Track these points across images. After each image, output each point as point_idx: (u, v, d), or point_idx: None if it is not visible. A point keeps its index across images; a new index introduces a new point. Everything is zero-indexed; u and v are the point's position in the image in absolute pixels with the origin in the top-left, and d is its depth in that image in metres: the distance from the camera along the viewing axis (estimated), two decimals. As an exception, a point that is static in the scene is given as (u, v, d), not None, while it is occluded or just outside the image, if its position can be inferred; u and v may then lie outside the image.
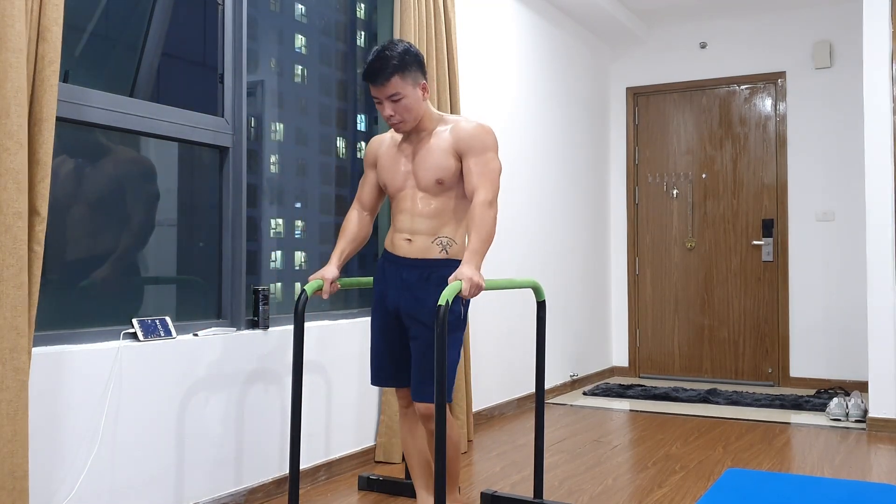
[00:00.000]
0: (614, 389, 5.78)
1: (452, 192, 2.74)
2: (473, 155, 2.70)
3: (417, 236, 2.75)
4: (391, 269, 2.80)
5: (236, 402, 3.08)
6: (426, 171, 2.73)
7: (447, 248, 2.75)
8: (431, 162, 2.72)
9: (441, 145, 2.73)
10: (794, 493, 3.23)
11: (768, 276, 6.20)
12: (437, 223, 2.74)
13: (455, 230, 2.77)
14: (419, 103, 2.71)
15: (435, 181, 2.72)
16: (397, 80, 2.64)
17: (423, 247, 2.74)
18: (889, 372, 4.43)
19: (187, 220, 3.14)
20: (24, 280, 2.17)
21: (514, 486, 3.45)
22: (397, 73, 2.64)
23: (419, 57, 2.73)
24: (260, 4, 3.50)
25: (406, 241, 2.76)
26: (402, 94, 2.66)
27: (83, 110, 2.62)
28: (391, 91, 2.65)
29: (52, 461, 2.44)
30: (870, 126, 4.51)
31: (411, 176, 2.77)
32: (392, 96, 2.65)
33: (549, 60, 5.65)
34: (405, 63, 2.66)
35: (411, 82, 2.68)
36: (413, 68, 2.69)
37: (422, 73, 2.73)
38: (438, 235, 2.74)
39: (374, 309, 2.87)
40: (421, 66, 2.73)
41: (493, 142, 2.73)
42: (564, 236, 5.83)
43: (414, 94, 2.69)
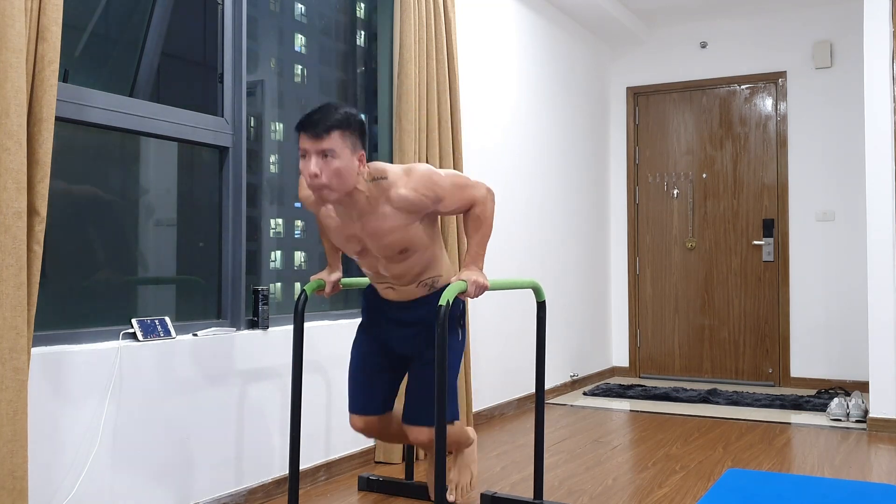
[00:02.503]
0: (614, 389, 5.77)
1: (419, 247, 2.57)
2: (438, 203, 2.52)
3: (398, 287, 2.66)
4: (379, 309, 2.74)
5: (236, 402, 3.08)
6: (386, 247, 2.53)
7: (433, 285, 2.68)
8: (390, 241, 2.51)
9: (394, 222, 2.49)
10: (795, 493, 3.23)
11: (768, 276, 6.20)
12: (413, 275, 2.62)
13: (433, 266, 2.65)
14: (352, 173, 2.41)
15: (398, 252, 2.54)
16: (336, 137, 2.36)
17: (409, 292, 2.67)
18: (889, 372, 4.43)
19: (187, 220, 3.14)
20: (24, 280, 2.17)
21: (514, 486, 3.45)
22: (338, 129, 2.36)
23: (364, 126, 2.48)
24: (260, 4, 3.50)
25: (389, 289, 2.69)
26: (337, 153, 2.36)
27: (83, 110, 2.62)
28: (325, 145, 2.35)
29: (52, 461, 2.44)
30: (870, 126, 4.51)
31: (368, 250, 2.58)
32: (324, 151, 2.36)
33: (549, 60, 5.65)
34: (348, 123, 2.39)
35: (350, 146, 2.39)
36: (356, 133, 2.42)
37: (363, 142, 2.46)
38: (420, 280, 2.65)
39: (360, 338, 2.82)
40: (363, 135, 2.46)
41: (435, 174, 2.50)
42: (565, 237, 5.83)
43: (349, 160, 2.39)
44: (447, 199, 2.52)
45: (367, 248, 2.59)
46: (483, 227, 2.59)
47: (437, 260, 2.66)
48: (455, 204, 2.55)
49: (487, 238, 2.61)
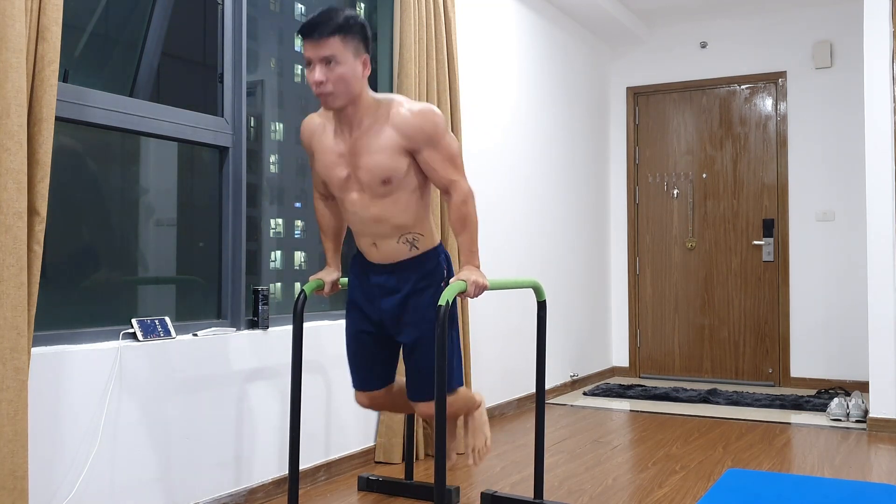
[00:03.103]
0: (614, 389, 5.77)
1: (402, 187, 2.54)
2: (428, 147, 2.49)
3: (380, 240, 2.61)
4: (366, 278, 2.71)
5: (236, 402, 3.08)
6: (369, 172, 2.50)
7: (415, 243, 2.62)
8: (374, 162, 2.48)
9: (384, 142, 2.47)
10: (795, 493, 3.23)
11: (769, 276, 6.20)
12: (393, 223, 2.58)
13: (416, 222, 2.61)
14: (356, 78, 2.41)
15: (380, 181, 2.50)
16: (336, 42, 2.35)
17: (391, 250, 2.62)
18: (889, 372, 4.43)
19: (187, 220, 3.14)
20: (24, 280, 2.17)
21: (514, 486, 3.45)
22: (338, 33, 2.36)
23: (366, 29, 2.45)
24: (260, 4, 3.50)
25: (371, 246, 2.64)
26: (339, 59, 2.36)
27: (83, 110, 2.62)
28: (327, 51, 2.35)
29: (52, 461, 2.44)
30: (870, 126, 4.51)
31: (353, 177, 2.54)
32: (327, 58, 2.36)
33: (549, 60, 5.65)
34: (349, 26, 2.38)
35: (352, 50, 2.39)
36: (357, 36, 2.40)
37: (365, 46, 2.44)
38: (402, 234, 2.60)
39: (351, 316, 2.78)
40: (366, 38, 2.44)
41: (442, 122, 2.50)
42: (565, 236, 5.83)
43: (352, 64, 2.39)
44: (436, 151, 2.49)
45: (351, 176, 2.54)
46: (468, 224, 2.57)
47: (420, 216, 2.61)
48: (438, 164, 2.51)
49: (476, 235, 2.58)
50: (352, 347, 2.79)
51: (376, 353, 2.78)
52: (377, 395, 2.82)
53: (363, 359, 2.78)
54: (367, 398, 2.82)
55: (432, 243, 2.68)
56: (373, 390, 2.81)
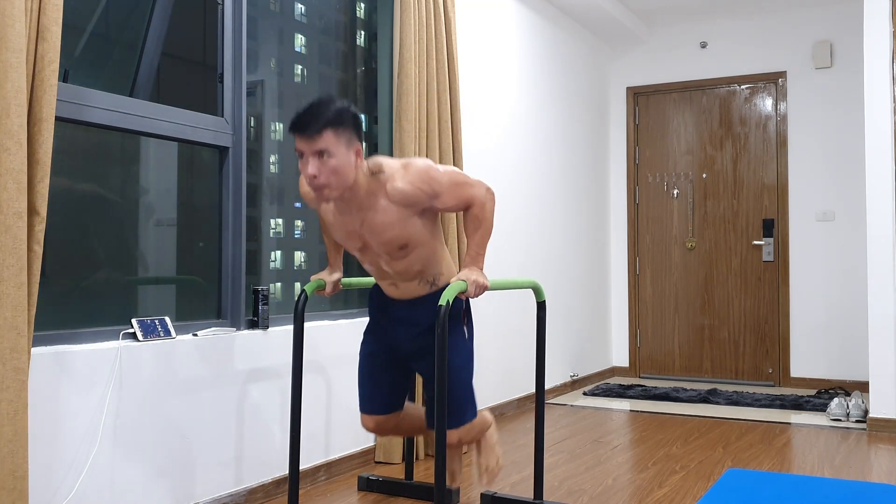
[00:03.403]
0: (614, 389, 5.77)
1: (419, 244, 2.56)
2: (435, 199, 2.50)
3: (400, 283, 2.65)
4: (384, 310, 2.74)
5: (236, 402, 3.08)
6: (386, 243, 2.52)
7: (435, 282, 2.66)
8: (389, 237, 2.50)
9: (392, 217, 2.48)
10: (795, 493, 3.23)
11: (768, 276, 6.20)
12: (414, 271, 2.61)
13: (435, 264, 2.64)
14: (350, 169, 2.38)
15: (398, 248, 2.53)
16: (328, 136, 2.33)
17: (410, 289, 2.66)
18: (889, 372, 4.43)
19: (187, 220, 3.14)
20: (24, 280, 2.17)
21: (514, 486, 3.44)
22: (330, 127, 2.33)
23: (358, 119, 2.43)
24: (260, 4, 3.50)
25: (391, 286, 2.68)
26: (332, 152, 2.34)
27: (83, 110, 2.62)
28: (320, 146, 2.32)
29: (52, 461, 2.44)
30: (870, 126, 4.51)
31: (369, 247, 2.57)
32: (319, 152, 2.33)
33: (549, 60, 5.65)
34: (341, 119, 2.36)
35: (345, 142, 2.36)
36: (349, 128, 2.38)
37: (358, 135, 2.42)
38: (422, 276, 2.63)
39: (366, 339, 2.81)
40: (359, 128, 2.43)
41: (432, 169, 2.48)
42: (565, 236, 5.83)
43: (346, 156, 2.37)
44: (444, 196, 2.51)
45: (367, 244, 2.58)
46: (482, 226, 2.58)
47: (437, 257, 2.65)
48: (452, 201, 2.54)
49: (487, 238, 2.60)
50: (364, 368, 2.81)
51: (389, 376, 2.79)
52: (382, 419, 2.82)
53: (375, 380, 2.79)
54: (374, 422, 2.82)
55: (449, 278, 2.70)
56: (380, 414, 2.81)
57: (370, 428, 2.84)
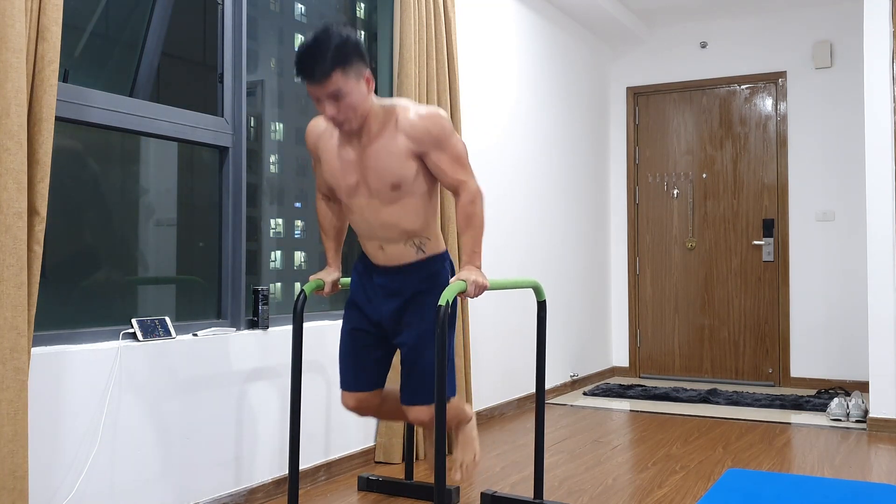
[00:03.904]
0: (614, 389, 5.77)
1: (411, 192, 2.54)
2: (436, 149, 2.49)
3: (387, 244, 2.61)
4: (369, 278, 2.70)
5: (236, 402, 3.08)
6: (378, 178, 2.50)
7: (422, 247, 2.63)
8: (383, 167, 2.48)
9: (392, 148, 2.46)
10: (795, 493, 3.23)
11: (768, 276, 6.20)
12: (402, 228, 2.58)
13: (424, 227, 2.61)
14: (365, 99, 2.40)
15: (390, 187, 2.51)
16: (338, 76, 2.31)
17: (397, 253, 2.62)
18: (889, 372, 4.43)
19: (187, 220, 3.14)
20: (24, 280, 2.17)
21: (514, 486, 3.45)
22: (338, 67, 2.30)
23: (360, 46, 2.37)
24: (260, 4, 3.50)
25: (378, 249, 2.64)
26: (345, 90, 2.33)
27: (83, 110, 2.62)
28: (332, 88, 2.32)
29: (52, 461, 2.44)
30: (870, 126, 4.51)
31: (362, 183, 2.54)
32: (333, 94, 2.33)
33: (549, 60, 5.65)
34: (345, 55, 2.31)
35: (354, 76, 2.34)
36: (355, 60, 2.34)
37: (364, 63, 2.39)
38: (410, 238, 2.60)
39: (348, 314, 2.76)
40: (363, 56, 2.38)
41: (449, 124, 2.50)
42: (565, 236, 5.83)
43: (358, 89, 2.36)
44: (444, 153, 2.50)
45: (360, 183, 2.54)
46: (473, 223, 2.56)
47: (428, 221, 2.62)
48: (447, 165, 2.51)
49: (480, 236, 2.58)
50: (345, 345, 2.76)
51: (369, 352, 2.74)
52: (364, 397, 2.76)
53: (355, 357, 2.75)
54: (354, 399, 2.76)
55: (439, 248, 2.69)
56: (361, 391, 2.75)
57: (350, 406, 2.76)
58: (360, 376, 2.75)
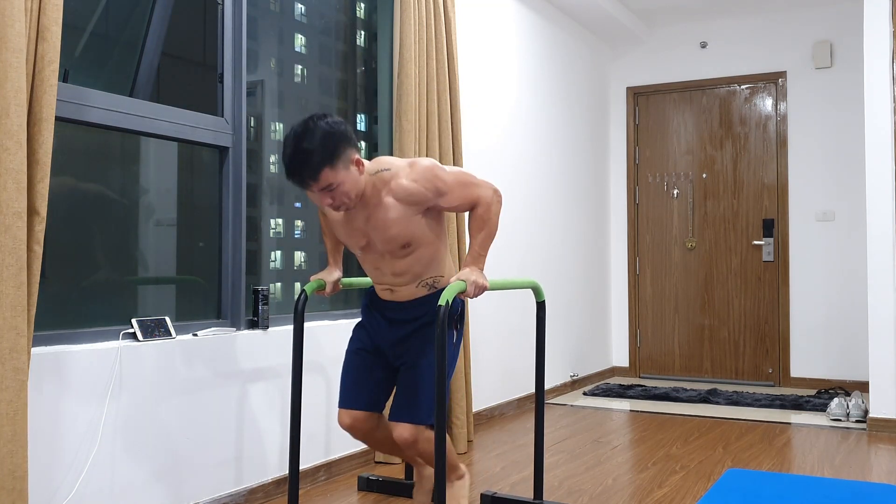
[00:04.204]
0: (614, 389, 5.77)
1: (423, 244, 2.55)
2: (440, 197, 2.50)
3: (398, 288, 2.63)
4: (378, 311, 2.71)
5: (236, 402, 3.08)
6: (388, 242, 2.52)
7: (434, 284, 2.65)
8: (392, 234, 2.50)
9: (397, 215, 2.47)
10: (795, 493, 3.23)
11: (768, 276, 6.20)
12: (414, 273, 2.59)
13: (437, 268, 2.63)
14: (357, 182, 2.40)
15: (401, 247, 2.53)
16: (327, 174, 2.32)
17: (408, 293, 2.64)
18: (889, 372, 4.43)
19: (187, 220, 3.14)
20: (24, 280, 2.17)
21: (514, 486, 3.44)
22: (325, 166, 2.31)
23: (344, 132, 2.37)
24: (260, 4, 3.50)
25: (387, 291, 2.66)
26: (336, 182, 2.35)
27: (83, 110, 2.62)
28: (323, 185, 2.34)
29: (52, 461, 2.44)
30: (870, 126, 4.51)
31: (372, 244, 2.56)
32: (326, 189, 2.36)
33: (549, 60, 5.65)
34: (330, 151, 2.32)
35: (343, 167, 2.35)
36: (341, 150, 2.35)
37: (351, 146, 2.39)
38: (422, 279, 2.62)
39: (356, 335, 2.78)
40: (348, 140, 2.38)
41: (437, 169, 2.49)
42: (564, 236, 5.83)
43: (349, 176, 2.37)
44: (449, 195, 2.51)
45: (371, 243, 2.57)
46: (487, 227, 2.57)
47: (440, 260, 2.64)
48: (457, 200, 2.54)
49: (491, 239, 2.59)
50: (349, 363, 2.76)
51: (372, 372, 2.74)
52: (360, 416, 2.72)
53: (357, 375, 2.73)
54: (350, 417, 2.72)
55: (451, 277, 2.69)
56: (358, 410, 2.72)
57: (345, 424, 2.73)
58: (360, 395, 2.72)
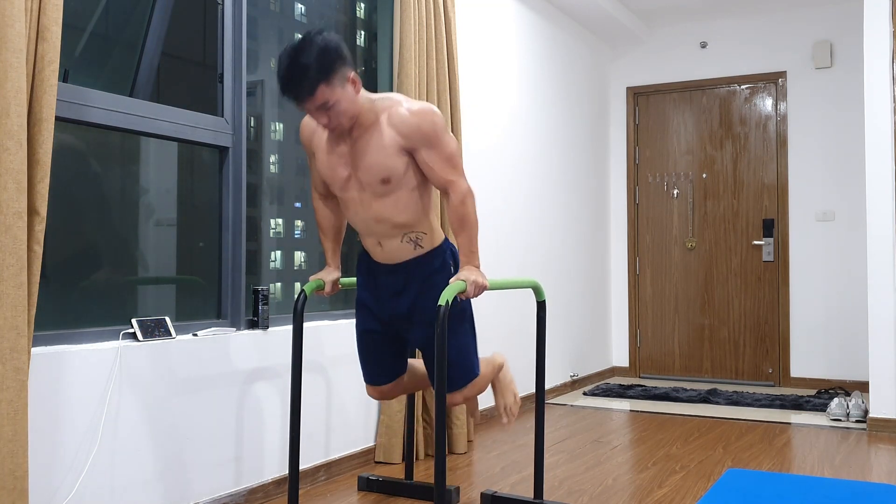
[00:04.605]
0: (614, 389, 5.77)
1: (403, 186, 2.53)
2: (426, 146, 2.48)
3: (384, 240, 2.62)
4: (373, 278, 2.74)
5: (236, 402, 3.08)
6: (368, 172, 2.50)
7: (419, 242, 2.63)
8: (373, 161, 2.47)
9: (383, 142, 2.46)
10: (795, 493, 3.23)
11: (768, 276, 6.20)
12: (394, 222, 2.58)
13: (417, 221, 2.61)
14: (353, 102, 2.40)
15: (380, 181, 2.50)
16: (323, 90, 2.32)
17: (395, 249, 2.63)
18: (889, 372, 4.43)
19: (187, 220, 3.14)
20: (24, 280, 2.17)
21: (514, 486, 3.45)
22: (321, 82, 2.30)
23: (339, 49, 2.35)
24: (260, 4, 3.50)
25: (377, 245, 2.65)
26: (332, 100, 2.34)
27: (83, 110, 2.62)
28: (318, 102, 2.34)
29: (52, 461, 2.44)
30: (870, 126, 4.51)
31: (353, 177, 2.55)
32: (321, 106, 2.35)
33: (549, 60, 5.65)
34: (326, 66, 2.30)
35: (339, 84, 2.34)
36: (337, 66, 2.33)
37: (347, 65, 2.37)
38: (404, 233, 2.61)
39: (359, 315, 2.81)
40: (344, 58, 2.36)
41: (441, 121, 2.48)
42: (565, 236, 5.83)
43: (345, 94, 2.37)
44: (434, 152, 2.49)
45: (352, 176, 2.55)
46: (467, 224, 2.56)
47: (422, 214, 2.62)
48: (437, 165, 2.51)
49: (475, 236, 2.58)
50: (361, 344, 2.84)
51: (384, 350, 2.81)
52: (387, 388, 2.87)
53: (372, 355, 2.83)
54: (377, 391, 2.88)
55: (437, 241, 2.69)
56: (382, 384, 2.86)
57: (375, 396, 2.89)
58: (379, 371, 2.85)
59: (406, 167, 2.52)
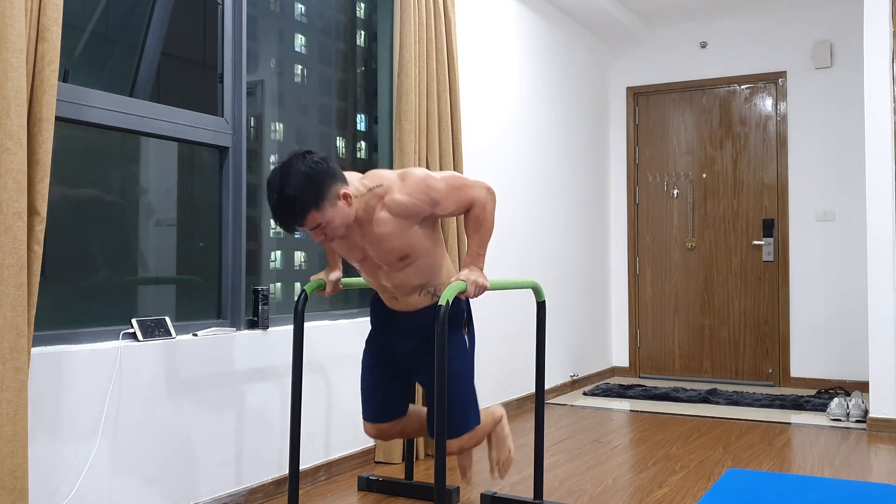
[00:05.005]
0: (614, 389, 5.77)
1: (420, 255, 2.57)
2: (433, 206, 2.50)
3: (400, 297, 2.67)
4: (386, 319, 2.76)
5: (236, 402, 3.08)
6: (385, 255, 2.53)
7: (436, 293, 2.68)
8: (389, 248, 2.51)
9: (391, 229, 2.48)
10: (795, 493, 3.23)
11: (768, 276, 6.20)
12: (415, 284, 2.63)
13: (436, 275, 2.65)
14: (346, 214, 2.42)
15: (398, 259, 2.54)
16: (313, 215, 2.35)
17: (412, 302, 2.68)
18: (889, 372, 4.43)
19: (187, 220, 3.14)
20: (24, 280, 2.17)
21: (514, 486, 3.45)
22: (311, 210, 2.34)
23: (326, 172, 2.36)
24: (260, 4, 3.50)
25: (392, 299, 2.70)
26: (324, 221, 2.37)
27: (83, 110, 2.62)
28: (311, 226, 2.38)
29: (52, 461, 2.44)
30: (870, 126, 4.51)
31: (369, 258, 2.59)
32: (316, 227, 2.39)
33: (549, 60, 5.65)
34: (314, 194, 2.32)
35: (329, 205, 2.37)
36: (325, 190, 2.35)
37: (336, 182, 2.38)
38: (423, 289, 2.65)
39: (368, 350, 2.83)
40: (333, 177, 2.37)
41: (428, 177, 2.48)
42: (565, 236, 5.83)
43: (338, 212, 2.39)
44: (444, 202, 2.52)
45: (368, 256, 2.60)
46: (483, 227, 2.58)
47: (439, 267, 2.66)
48: (453, 206, 2.54)
49: (488, 238, 2.60)
50: (365, 380, 2.83)
51: (389, 388, 2.81)
52: (385, 427, 2.85)
53: (376, 392, 2.81)
54: (376, 429, 2.85)
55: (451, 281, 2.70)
56: (384, 423, 2.83)
57: (372, 435, 2.87)
58: (381, 409, 2.83)
59: (421, 236, 2.54)
